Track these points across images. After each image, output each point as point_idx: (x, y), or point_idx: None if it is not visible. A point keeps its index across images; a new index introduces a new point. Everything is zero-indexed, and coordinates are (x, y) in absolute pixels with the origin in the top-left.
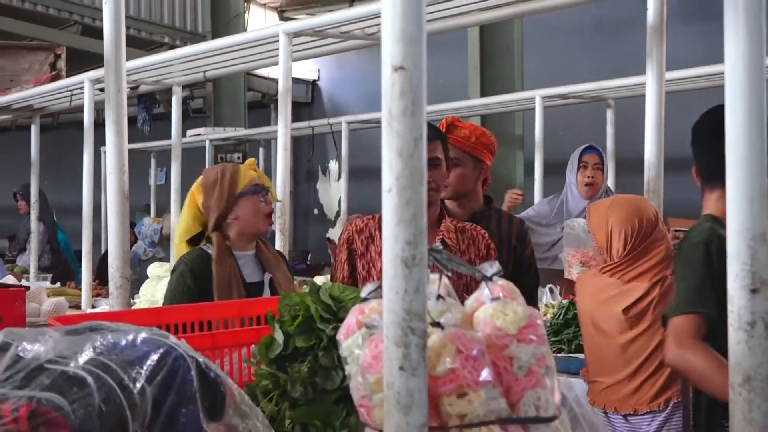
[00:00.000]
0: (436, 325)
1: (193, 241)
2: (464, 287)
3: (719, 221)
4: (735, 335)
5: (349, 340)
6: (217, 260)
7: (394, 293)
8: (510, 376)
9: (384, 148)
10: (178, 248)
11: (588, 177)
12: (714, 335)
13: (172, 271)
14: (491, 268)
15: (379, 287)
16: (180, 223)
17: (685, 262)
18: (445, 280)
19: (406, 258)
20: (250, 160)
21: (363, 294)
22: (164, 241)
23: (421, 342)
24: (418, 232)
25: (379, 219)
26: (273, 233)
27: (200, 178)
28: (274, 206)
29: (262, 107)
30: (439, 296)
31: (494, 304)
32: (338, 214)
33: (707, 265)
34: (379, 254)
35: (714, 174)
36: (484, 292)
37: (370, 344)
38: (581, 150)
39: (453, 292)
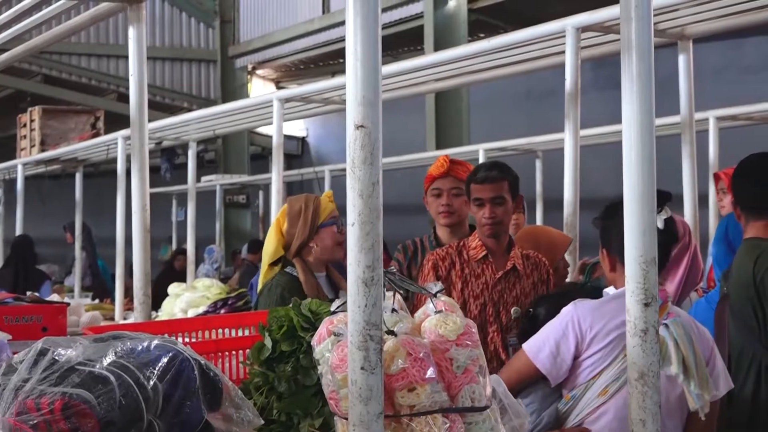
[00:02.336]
0: (391, 333)
1: (274, 262)
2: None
3: None
4: (632, 340)
5: (321, 345)
6: (306, 282)
7: (357, 307)
8: (450, 374)
9: (348, 190)
10: (265, 269)
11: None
12: None
13: (263, 290)
14: (435, 287)
15: (345, 302)
16: (266, 246)
17: None
18: (398, 296)
19: (366, 279)
20: (328, 193)
21: (332, 308)
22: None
23: (378, 347)
24: (375, 258)
25: (457, 246)
26: None
27: (285, 207)
28: None
29: (262, 158)
30: (394, 310)
31: (438, 316)
32: None
33: None
34: (459, 277)
35: None
36: (429, 306)
37: (337, 349)
38: None
39: (405, 306)
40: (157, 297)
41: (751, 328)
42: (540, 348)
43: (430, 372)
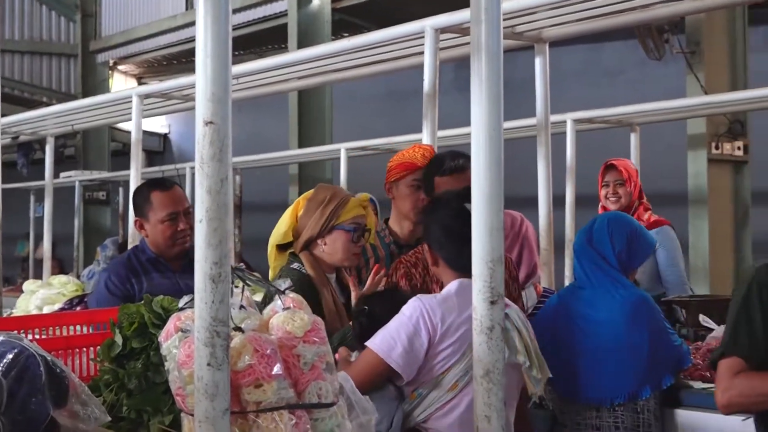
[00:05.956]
0: (238, 329)
1: (282, 247)
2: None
3: None
4: (478, 338)
5: (168, 341)
6: (317, 278)
7: (204, 303)
8: (297, 371)
9: (197, 186)
10: (272, 250)
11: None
12: None
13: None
14: (284, 284)
15: (193, 299)
16: (277, 226)
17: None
18: (247, 293)
19: (214, 275)
20: (365, 196)
21: (180, 305)
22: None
23: (225, 343)
24: (223, 254)
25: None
26: None
27: (311, 192)
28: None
29: (123, 154)
30: (242, 306)
31: (285, 313)
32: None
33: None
34: (435, 281)
35: None
36: (277, 303)
37: (184, 345)
38: None
39: (253, 303)
40: None
41: None
42: (392, 346)
43: (277, 368)
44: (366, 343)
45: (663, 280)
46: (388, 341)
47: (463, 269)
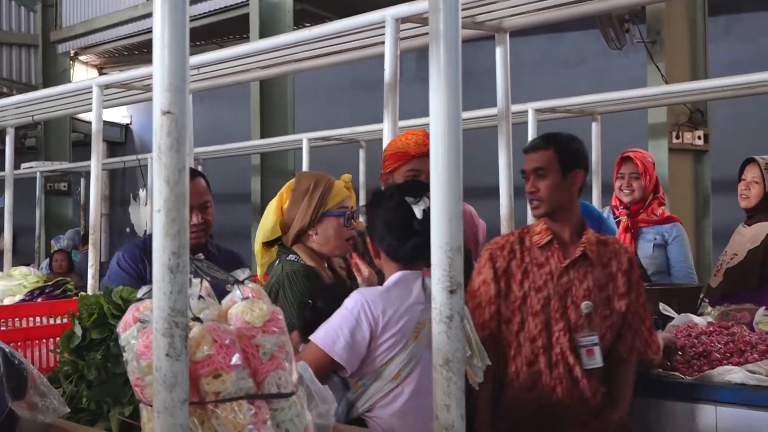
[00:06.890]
0: (197, 319)
1: (268, 243)
2: None
3: None
4: (437, 327)
5: (127, 332)
6: (321, 269)
7: (162, 294)
8: (256, 361)
9: (155, 177)
10: (258, 247)
11: None
12: None
13: (281, 280)
14: (243, 274)
15: (151, 290)
16: (262, 221)
17: None
18: (205, 283)
19: (172, 265)
20: (347, 177)
21: (138, 295)
22: None
23: (183, 333)
24: (182, 244)
25: (519, 232)
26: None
27: (292, 182)
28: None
29: (85, 145)
30: (200, 297)
31: (244, 303)
32: (146, 232)
33: None
34: (519, 267)
35: None
36: (236, 293)
37: (143, 335)
38: None
39: (212, 293)
40: None
41: None
42: (334, 339)
43: (236, 358)
44: (309, 337)
45: (671, 272)
46: (330, 335)
47: (404, 260)
